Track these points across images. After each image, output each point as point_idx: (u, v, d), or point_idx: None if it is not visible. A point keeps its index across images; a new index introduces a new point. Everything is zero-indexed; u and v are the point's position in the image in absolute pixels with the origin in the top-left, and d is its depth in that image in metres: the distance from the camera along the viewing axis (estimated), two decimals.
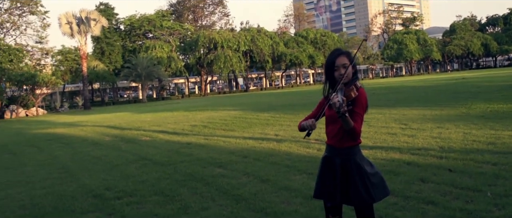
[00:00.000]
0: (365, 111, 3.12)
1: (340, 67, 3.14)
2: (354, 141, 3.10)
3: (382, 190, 3.16)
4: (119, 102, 55.81)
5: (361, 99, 3.06)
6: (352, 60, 3.18)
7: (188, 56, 62.35)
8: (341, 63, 3.14)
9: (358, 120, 3.03)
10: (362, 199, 3.08)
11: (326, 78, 3.26)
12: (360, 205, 3.14)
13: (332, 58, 3.18)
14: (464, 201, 4.84)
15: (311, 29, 76.38)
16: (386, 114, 14.21)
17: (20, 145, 14.06)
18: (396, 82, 47.97)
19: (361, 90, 3.08)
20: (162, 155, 9.59)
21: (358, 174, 3.09)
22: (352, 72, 3.18)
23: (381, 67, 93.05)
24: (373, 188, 3.09)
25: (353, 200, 3.11)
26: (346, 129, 3.00)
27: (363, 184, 3.07)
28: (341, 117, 2.86)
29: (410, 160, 7.02)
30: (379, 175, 3.19)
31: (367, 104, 3.15)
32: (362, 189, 3.07)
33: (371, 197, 3.08)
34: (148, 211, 5.39)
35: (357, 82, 3.10)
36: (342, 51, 3.21)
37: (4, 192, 7.20)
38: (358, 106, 3.05)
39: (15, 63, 39.47)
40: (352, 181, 3.09)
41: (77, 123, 22.92)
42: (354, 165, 3.11)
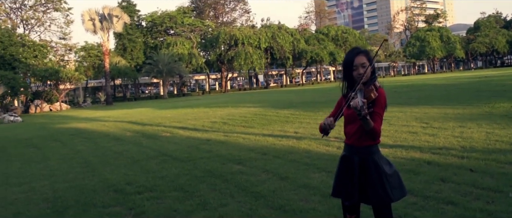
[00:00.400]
0: (384, 111, 3.11)
1: (358, 67, 3.13)
2: (374, 140, 3.10)
3: (400, 190, 3.15)
4: (141, 98, 56.43)
5: (381, 99, 3.06)
6: (371, 59, 3.16)
7: (209, 53, 62.58)
8: (360, 62, 3.13)
9: (378, 120, 3.03)
10: (380, 199, 3.08)
11: (344, 77, 3.26)
12: (378, 205, 3.14)
13: (351, 57, 3.17)
14: (485, 201, 4.78)
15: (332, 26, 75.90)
16: (407, 112, 14.06)
17: (44, 139, 14.35)
18: (418, 80, 47.39)
19: (380, 90, 3.07)
20: (182, 151, 9.69)
21: (376, 173, 3.08)
22: (371, 71, 3.17)
23: (403, 65, 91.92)
24: (391, 188, 3.08)
25: (371, 200, 3.11)
26: (366, 129, 3.00)
27: (381, 183, 3.07)
28: (363, 119, 2.87)
29: (431, 159, 6.95)
30: (397, 175, 3.18)
31: (386, 104, 3.14)
32: (380, 189, 3.06)
33: (388, 197, 3.08)
34: (167, 206, 5.46)
35: (376, 82, 3.09)
36: (361, 50, 3.19)
37: (28, 185, 7.37)
38: (378, 107, 3.04)
39: (40, 59, 40.22)
40: (370, 180, 3.09)
41: (99, 118, 23.27)
42: (372, 164, 3.10)
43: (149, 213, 5.23)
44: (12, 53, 37.60)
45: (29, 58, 38.88)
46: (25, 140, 14.65)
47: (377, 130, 3.02)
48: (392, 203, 3.17)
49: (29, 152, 11.63)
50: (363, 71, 3.10)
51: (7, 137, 16.09)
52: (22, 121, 26.35)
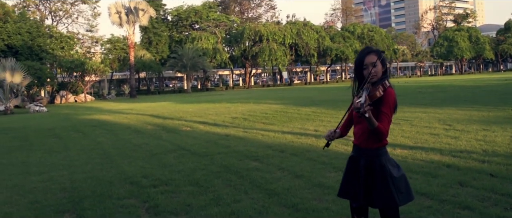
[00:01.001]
0: (393, 111, 3.04)
1: (369, 66, 3.08)
2: (380, 141, 3.03)
3: (406, 195, 3.07)
4: (165, 92, 57.00)
5: (389, 99, 2.99)
6: (383, 59, 3.11)
7: (233, 48, 62.69)
8: (370, 62, 3.07)
9: (384, 119, 2.96)
10: (385, 202, 3.02)
11: (355, 76, 3.21)
12: (384, 208, 3.08)
13: (362, 57, 3.13)
14: (503, 207, 4.65)
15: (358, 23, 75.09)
16: (430, 113, 13.83)
17: (67, 130, 14.62)
18: (445, 80, 46.57)
19: (389, 90, 3.01)
20: (200, 146, 9.73)
21: (381, 176, 3.02)
22: (382, 71, 3.11)
23: (430, 65, 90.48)
24: (397, 192, 3.01)
25: (376, 203, 3.04)
26: (370, 129, 2.94)
27: (386, 187, 3.00)
28: (362, 116, 2.83)
29: (450, 162, 6.80)
30: (405, 179, 3.10)
31: (396, 104, 3.07)
32: (386, 192, 3.00)
33: (394, 201, 3.00)
34: (181, 201, 5.48)
35: (386, 82, 3.03)
36: (372, 50, 3.14)
37: (47, 175, 7.51)
38: (385, 106, 2.98)
39: (66, 51, 40.97)
40: (375, 183, 3.03)
41: (122, 111, 23.59)
42: (378, 167, 3.04)
43: (163, 207, 5.26)
44: (40, 44, 38.34)
45: (56, 50, 39.63)
46: (48, 130, 14.95)
47: (383, 130, 2.95)
48: (400, 207, 3.09)
49: (51, 142, 11.86)
50: (373, 71, 3.04)
51: (30, 127, 16.45)
52: (47, 111, 26.89)
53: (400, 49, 76.05)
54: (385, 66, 3.14)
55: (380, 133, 2.95)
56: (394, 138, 9.50)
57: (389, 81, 3.11)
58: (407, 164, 6.83)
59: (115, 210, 5.28)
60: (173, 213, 5.04)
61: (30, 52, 37.61)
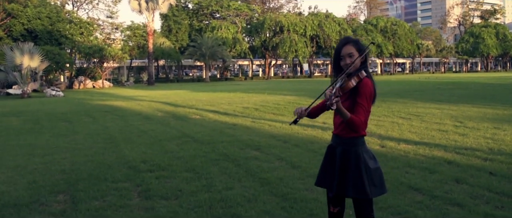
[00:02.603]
0: (370, 102, 2.98)
1: (345, 57, 3.03)
2: (356, 132, 2.99)
3: (379, 188, 3.04)
4: (183, 80, 57.32)
5: (365, 89, 2.94)
6: (361, 49, 3.05)
7: (254, 39, 62.57)
8: (347, 52, 3.03)
9: (360, 110, 2.91)
10: (357, 192, 2.99)
11: (333, 67, 3.17)
12: (355, 199, 3.05)
13: (339, 47, 3.09)
14: (494, 206, 4.55)
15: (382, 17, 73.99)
16: (444, 109, 13.59)
17: (78, 114, 14.82)
18: (468, 78, 45.72)
19: (365, 80, 2.95)
20: (204, 134, 9.76)
21: (356, 166, 2.99)
22: (361, 62, 3.06)
23: (454, 62, 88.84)
24: (370, 183, 2.97)
25: (348, 192, 3.01)
26: (344, 120, 2.91)
27: (359, 177, 2.97)
28: (329, 109, 2.79)
29: (452, 159, 6.68)
30: (379, 172, 3.07)
31: (374, 95, 3.00)
32: (358, 182, 2.97)
33: (365, 192, 2.97)
34: (173, 186, 5.52)
35: (363, 72, 2.97)
36: (349, 40, 3.08)
37: (50, 157, 7.64)
38: (361, 97, 2.93)
39: (85, 36, 41.29)
40: (349, 173, 3.00)
41: (136, 97, 23.82)
42: (354, 156, 3.01)
43: (154, 191, 5.30)
44: (59, 29, 38.72)
45: (76, 35, 39.98)
46: (61, 114, 15.17)
47: (357, 121, 2.91)
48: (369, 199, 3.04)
49: (61, 126, 12.04)
50: (350, 61, 3.00)
51: (44, 110, 16.73)
52: (63, 96, 27.28)
53: (424, 44, 74.76)
54: (364, 57, 3.08)
55: (354, 124, 2.91)
56: (401, 132, 9.40)
57: (367, 71, 3.05)
58: (408, 159, 6.75)
59: (108, 192, 5.34)
60: (164, 198, 5.07)
61: (49, 37, 38.03)
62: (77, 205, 4.92)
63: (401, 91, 23.62)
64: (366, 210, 3.06)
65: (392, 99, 17.51)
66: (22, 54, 28.20)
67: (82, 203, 4.97)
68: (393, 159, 6.75)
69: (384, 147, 7.85)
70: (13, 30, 37.14)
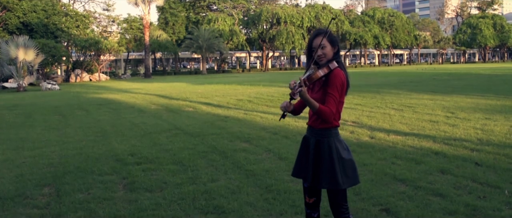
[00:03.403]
0: (341, 92, 2.96)
1: (318, 48, 3.03)
2: (326, 123, 2.99)
3: (352, 178, 3.03)
4: (180, 73, 57.20)
5: (335, 80, 2.92)
6: (333, 41, 3.05)
7: (251, 31, 62.41)
8: (318, 44, 3.02)
9: (330, 101, 2.91)
10: (329, 183, 2.99)
11: (306, 59, 3.17)
12: (328, 189, 3.05)
13: (310, 40, 3.09)
14: (477, 196, 4.56)
15: (379, 8, 73.73)
16: (437, 100, 13.60)
17: (72, 108, 14.80)
18: (464, 68, 45.72)
19: (336, 71, 2.94)
20: (195, 126, 9.77)
21: (328, 157, 2.99)
22: (333, 52, 3.05)
23: (452, 52, 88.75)
24: (342, 174, 2.98)
25: (321, 183, 3.02)
26: (313, 112, 2.91)
27: (332, 168, 2.97)
28: (292, 99, 2.79)
29: (440, 150, 6.70)
30: (352, 163, 3.06)
31: (344, 86, 2.99)
32: (331, 173, 2.97)
33: (337, 183, 2.97)
34: (159, 178, 5.53)
35: (334, 63, 2.96)
36: (320, 32, 3.08)
37: (39, 150, 7.65)
38: (331, 87, 2.92)
39: (81, 29, 41.17)
40: (322, 164, 3.00)
41: (131, 90, 23.79)
42: (327, 147, 3.01)
43: (139, 183, 5.31)
44: (55, 22, 38.61)
45: (72, 28, 39.87)
46: (54, 107, 15.15)
47: (327, 112, 2.90)
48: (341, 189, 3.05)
49: (53, 119, 12.04)
50: (321, 53, 3.00)
51: (38, 104, 16.71)
52: (59, 89, 27.23)
53: (421, 35, 74.61)
54: (336, 48, 3.08)
55: (324, 115, 2.90)
56: (392, 123, 9.41)
57: (340, 62, 3.04)
58: (395, 150, 6.76)
59: (93, 185, 5.35)
60: (148, 190, 5.08)
61: (45, 30, 37.90)
62: (61, 197, 4.93)
63: (396, 82, 23.63)
64: (339, 201, 3.06)
65: (386, 91, 17.52)
66: (17, 47, 28.11)
67: (67, 195, 4.98)
68: (380, 150, 6.77)
69: (374, 138, 7.86)
70: (9, 24, 37.01)
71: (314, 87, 3.06)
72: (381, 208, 4.30)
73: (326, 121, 2.95)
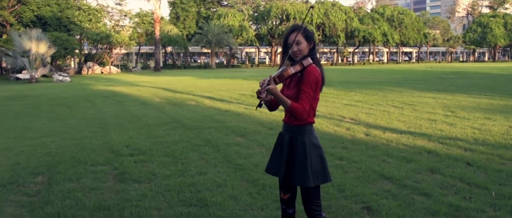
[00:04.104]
0: (314, 89, 2.96)
1: (293, 44, 3.04)
2: (298, 120, 3.00)
3: (322, 176, 3.03)
4: (190, 67, 57.40)
5: (309, 77, 2.93)
6: (308, 37, 3.06)
7: (260, 26, 62.42)
8: (292, 39, 3.04)
9: (303, 98, 2.91)
10: (301, 181, 2.99)
11: (282, 55, 3.18)
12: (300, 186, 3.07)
13: (286, 36, 3.09)
14: (462, 197, 4.55)
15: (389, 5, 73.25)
16: (439, 99, 13.55)
17: (78, 99, 14.98)
18: (473, 67, 45.33)
19: (310, 68, 2.94)
20: (194, 120, 9.85)
21: (302, 154, 3.00)
22: (309, 49, 3.06)
23: (462, 51, 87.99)
24: (313, 172, 2.98)
25: (294, 180, 3.04)
26: (285, 109, 2.93)
27: (304, 165, 2.98)
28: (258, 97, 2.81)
29: (433, 149, 6.69)
30: (323, 160, 3.06)
31: (319, 83, 2.98)
32: (302, 171, 2.98)
33: (308, 180, 2.98)
34: (149, 170, 5.61)
35: (308, 59, 2.97)
36: (296, 28, 3.07)
37: (40, 140, 7.77)
38: (305, 84, 2.92)
39: (93, 23, 41.62)
40: (295, 160, 3.02)
41: (139, 83, 23.96)
42: (300, 144, 3.02)
43: (129, 174, 5.40)
44: (68, 16, 39.14)
45: (84, 22, 40.35)
46: (62, 99, 15.35)
47: (299, 109, 2.90)
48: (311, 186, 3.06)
49: (59, 110, 12.19)
50: (297, 49, 3.01)
51: (47, 95, 16.93)
52: (70, 81, 27.53)
53: (431, 33, 74.06)
54: (312, 44, 3.08)
55: (296, 112, 2.90)
56: (389, 121, 9.41)
57: (315, 58, 3.05)
58: (388, 148, 6.78)
59: (85, 175, 5.44)
60: (137, 181, 5.16)
61: (58, 23, 38.41)
62: (52, 186, 5.03)
63: (401, 80, 23.53)
64: (311, 198, 3.06)
65: (389, 88, 17.48)
66: (30, 40, 28.50)
67: (58, 184, 5.08)
68: (373, 148, 6.79)
69: (369, 135, 7.88)
70: (23, 17, 37.50)
71: (290, 84, 3.08)
72: (363, 206, 4.32)
73: (299, 118, 2.96)
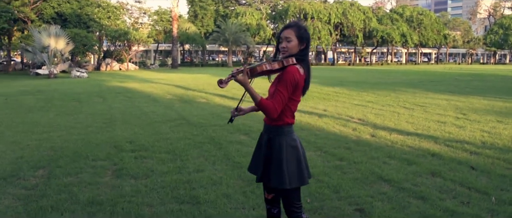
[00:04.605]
0: (293, 91, 2.88)
1: (283, 40, 3.00)
2: (269, 117, 2.95)
3: (299, 179, 2.95)
4: (207, 65, 57.59)
5: (286, 77, 2.85)
6: (301, 36, 2.99)
7: (278, 25, 62.24)
8: (284, 36, 2.99)
9: (276, 97, 2.83)
10: (277, 183, 2.94)
11: (275, 50, 3.15)
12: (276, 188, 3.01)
13: (281, 31, 3.06)
14: (460, 201, 4.44)
15: (408, 6, 72.32)
16: (452, 101, 13.34)
17: (91, 95, 15.15)
18: (492, 70, 44.55)
19: (290, 68, 2.87)
20: (201, 117, 9.86)
21: (278, 156, 2.93)
22: (300, 49, 2.99)
23: (482, 53, 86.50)
24: (289, 174, 2.91)
25: (271, 181, 2.98)
26: (254, 103, 2.86)
27: (280, 167, 2.93)
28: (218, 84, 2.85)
29: (438, 152, 6.57)
30: (300, 162, 2.99)
31: (299, 85, 2.90)
32: (278, 172, 2.93)
33: (284, 182, 2.92)
34: (148, 166, 5.63)
35: (292, 59, 2.91)
36: (291, 25, 3.02)
37: (47, 134, 7.87)
38: (281, 84, 2.85)
39: (112, 20, 42.08)
40: (272, 162, 2.97)
41: (154, 80, 24.12)
42: (277, 146, 2.95)
43: (127, 170, 5.42)
44: (88, 13, 39.68)
45: (103, 19, 40.81)
46: (75, 94, 15.54)
47: (268, 106, 2.82)
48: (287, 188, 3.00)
49: (70, 105, 12.35)
50: (286, 45, 2.95)
51: (61, 90, 17.16)
52: (87, 77, 27.87)
53: (451, 35, 72.96)
54: (304, 45, 3.01)
55: (265, 108, 2.83)
56: (398, 122, 9.28)
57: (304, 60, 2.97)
58: (392, 150, 6.68)
59: (84, 170, 5.49)
60: (134, 177, 5.18)
61: (78, 20, 38.98)
62: (50, 180, 5.08)
63: (416, 81, 23.22)
64: (291, 200, 3.00)
65: (403, 89, 17.26)
66: (49, 36, 28.98)
67: (56, 178, 5.13)
68: (376, 149, 6.70)
69: (374, 136, 7.78)
70: (44, 13, 38.12)
71: (274, 81, 3.05)
72: (356, 208, 4.26)
73: (269, 116, 2.91)
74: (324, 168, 5.60)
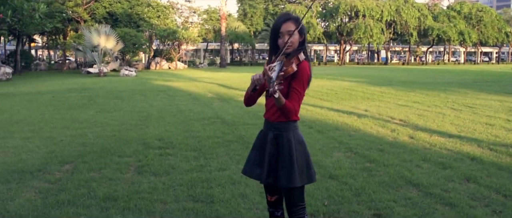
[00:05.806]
0: (305, 88, 2.74)
1: (285, 35, 2.80)
2: (287, 119, 2.78)
3: (307, 176, 2.79)
4: (256, 64, 57.69)
5: (301, 74, 2.68)
6: (302, 29, 2.81)
7: (328, 23, 61.42)
8: (286, 29, 2.78)
9: (294, 96, 2.68)
10: (287, 182, 2.77)
11: (269, 45, 2.95)
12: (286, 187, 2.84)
13: (278, 24, 2.83)
14: (492, 210, 4.08)
15: (466, 2, 69.25)
16: (505, 102, 12.54)
17: (133, 93, 15.47)
18: None
19: (303, 64, 2.69)
20: (236, 116, 9.78)
21: (288, 153, 2.77)
22: (299, 42, 2.82)
23: None
24: (299, 171, 2.75)
25: (280, 180, 2.81)
26: (277, 106, 2.71)
27: (290, 164, 2.76)
28: (271, 96, 2.55)
29: (479, 155, 6.13)
30: (308, 159, 2.83)
31: (309, 80, 2.75)
32: (288, 170, 2.76)
33: (293, 180, 2.76)
34: (171, 163, 5.60)
35: (301, 54, 2.73)
36: (290, 17, 2.84)
37: (81, 130, 8.05)
38: (297, 82, 2.68)
39: (162, 19, 43.02)
40: (280, 159, 2.80)
41: (199, 78, 24.38)
42: (286, 142, 2.79)
43: (149, 167, 5.41)
44: (138, 12, 40.79)
45: (153, 18, 41.80)
46: (119, 92, 15.93)
47: (291, 108, 2.69)
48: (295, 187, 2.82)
49: (110, 103, 12.64)
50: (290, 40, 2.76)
51: (106, 88, 17.66)
52: (135, 76, 28.57)
53: None
54: (303, 36, 2.85)
55: (288, 111, 2.69)
56: (441, 124, 8.80)
57: (305, 52, 2.82)
58: (428, 152, 6.30)
59: (107, 165, 5.53)
60: (154, 174, 5.16)
61: (128, 19, 40.16)
62: (73, 175, 5.15)
63: (469, 81, 22.12)
64: (295, 199, 2.85)
65: (454, 90, 16.46)
66: (99, 35, 29.98)
67: (80, 173, 5.19)
68: (411, 151, 6.34)
69: (413, 138, 7.39)
70: (96, 13, 39.56)
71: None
72: (375, 213, 4.00)
73: (287, 116, 2.75)
74: (351, 170, 5.35)
